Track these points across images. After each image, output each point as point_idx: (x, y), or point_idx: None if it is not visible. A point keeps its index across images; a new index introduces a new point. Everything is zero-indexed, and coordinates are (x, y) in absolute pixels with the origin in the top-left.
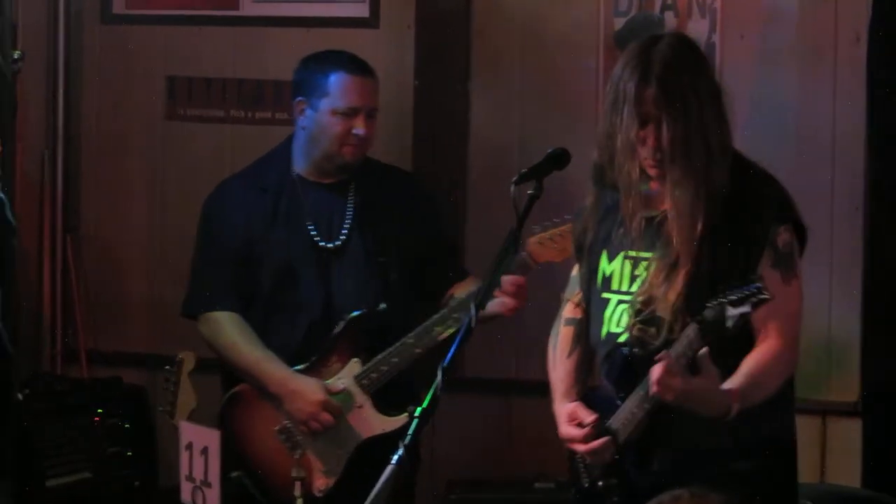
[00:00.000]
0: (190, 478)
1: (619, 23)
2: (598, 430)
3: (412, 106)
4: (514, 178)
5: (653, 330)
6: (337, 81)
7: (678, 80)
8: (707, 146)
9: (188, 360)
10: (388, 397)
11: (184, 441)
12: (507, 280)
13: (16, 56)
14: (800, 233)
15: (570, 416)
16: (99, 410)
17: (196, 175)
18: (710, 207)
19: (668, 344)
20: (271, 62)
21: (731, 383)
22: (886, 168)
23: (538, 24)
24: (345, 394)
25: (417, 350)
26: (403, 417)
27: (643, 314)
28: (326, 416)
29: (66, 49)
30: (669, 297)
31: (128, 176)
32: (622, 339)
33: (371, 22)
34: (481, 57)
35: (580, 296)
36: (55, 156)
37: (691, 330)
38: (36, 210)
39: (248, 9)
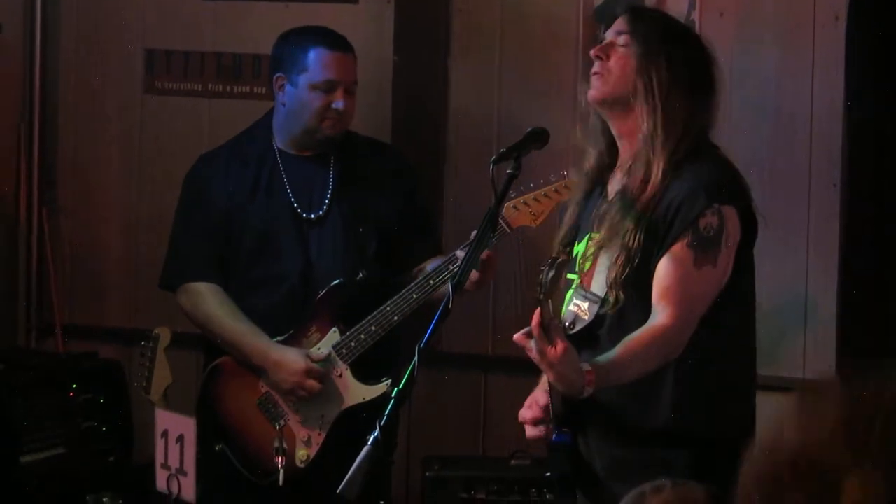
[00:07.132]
0: (165, 466)
1: None
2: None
3: (391, 82)
4: (493, 158)
5: (585, 305)
6: (316, 57)
7: (650, 30)
8: (659, 119)
9: (164, 336)
10: (367, 366)
11: (159, 429)
12: None
13: None
14: (747, 222)
15: (529, 399)
16: (73, 385)
17: (173, 149)
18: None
19: (598, 320)
20: (250, 36)
21: (601, 359)
22: (863, 146)
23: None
24: (325, 362)
25: (395, 318)
26: (384, 386)
27: (581, 292)
28: (312, 383)
29: (44, 20)
30: (598, 275)
31: (105, 149)
32: (563, 313)
33: None
34: (461, 33)
35: None
36: (31, 128)
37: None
38: (11, 183)
39: None
